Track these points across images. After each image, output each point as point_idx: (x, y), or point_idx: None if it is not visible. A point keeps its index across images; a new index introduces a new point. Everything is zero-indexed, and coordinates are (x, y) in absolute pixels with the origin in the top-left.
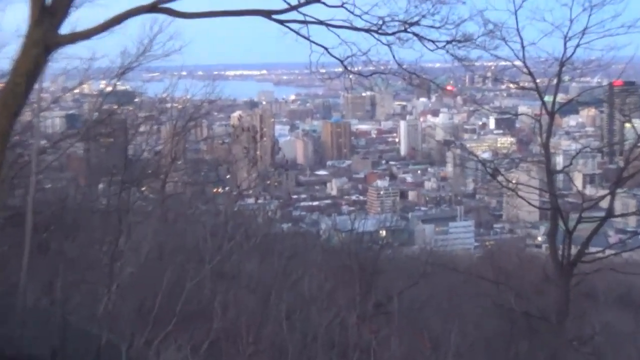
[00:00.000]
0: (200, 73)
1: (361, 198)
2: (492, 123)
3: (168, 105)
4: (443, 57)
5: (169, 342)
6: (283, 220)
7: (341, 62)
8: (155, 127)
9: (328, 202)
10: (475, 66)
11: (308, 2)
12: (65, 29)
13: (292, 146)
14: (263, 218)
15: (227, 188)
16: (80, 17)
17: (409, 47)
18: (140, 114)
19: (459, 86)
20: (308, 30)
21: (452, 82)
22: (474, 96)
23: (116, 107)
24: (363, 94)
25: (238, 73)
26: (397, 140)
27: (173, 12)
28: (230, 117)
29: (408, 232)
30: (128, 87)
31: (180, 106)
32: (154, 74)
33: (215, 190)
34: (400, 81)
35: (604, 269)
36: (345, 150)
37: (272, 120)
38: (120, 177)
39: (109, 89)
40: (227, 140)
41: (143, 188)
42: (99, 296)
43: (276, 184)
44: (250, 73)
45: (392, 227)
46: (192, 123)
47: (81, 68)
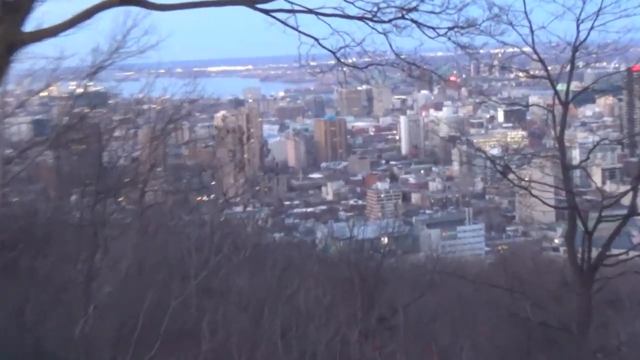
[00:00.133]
0: (179, 70)
1: (360, 202)
2: (501, 116)
3: (145, 106)
4: (445, 45)
5: None
6: (275, 229)
7: (333, 54)
8: (131, 131)
9: (323, 208)
10: (480, 54)
11: None
12: (29, 26)
13: (283, 147)
14: (253, 228)
15: (213, 196)
16: (46, 12)
17: (408, 35)
18: (114, 117)
19: (464, 76)
20: (296, 20)
21: (456, 73)
22: (480, 87)
23: (88, 111)
24: (358, 88)
25: (221, 69)
26: (398, 137)
27: (147, 4)
28: (213, 118)
29: (412, 239)
30: (101, 88)
31: (158, 107)
32: (129, 73)
33: (199, 198)
34: (398, 73)
35: (629, 272)
36: (340, 150)
37: (260, 119)
38: (94, 187)
39: (80, 91)
40: (211, 143)
41: (120, 198)
42: (75, 319)
43: (266, 190)
44: (234, 69)
45: (395, 234)
46: (172, 125)
47: (48, 68)
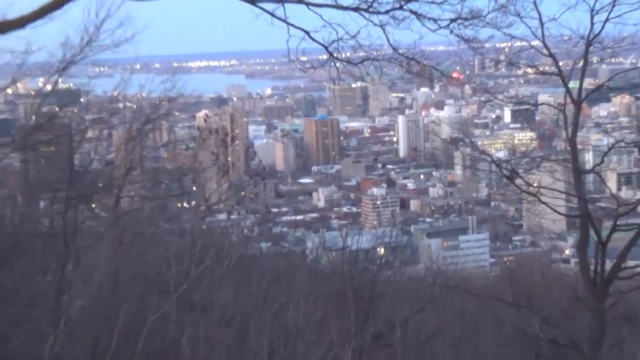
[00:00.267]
0: (157, 66)
1: (354, 209)
2: (508, 115)
3: (120, 105)
4: (447, 39)
5: None
6: (261, 238)
7: (325, 48)
8: (105, 132)
9: (314, 216)
10: (485, 48)
11: None
12: None
13: (270, 150)
14: (237, 237)
15: (194, 202)
16: (12, 2)
17: (406, 28)
18: (87, 117)
19: (467, 73)
20: (285, 10)
21: (459, 69)
22: (485, 84)
23: (58, 109)
24: (353, 86)
25: (203, 64)
26: (395, 139)
27: None
28: (195, 118)
29: (411, 249)
30: (71, 85)
31: (134, 106)
32: (102, 69)
33: (179, 205)
34: (396, 69)
35: None
36: (333, 153)
37: (245, 119)
38: (65, 193)
39: (49, 88)
40: (192, 145)
41: (93, 205)
42: (44, 335)
43: (252, 196)
44: (217, 64)
45: (392, 244)
46: (150, 126)
47: (14, 63)
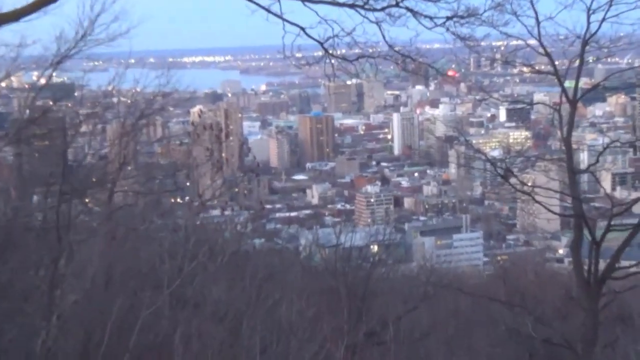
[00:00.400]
0: (152, 60)
1: (348, 207)
2: (503, 114)
3: (114, 99)
4: (443, 37)
5: None
6: (255, 235)
7: (321, 45)
8: (99, 127)
9: (308, 213)
10: (481, 47)
11: None
12: None
13: (264, 146)
14: (231, 233)
15: (187, 198)
16: None
17: (402, 25)
18: (81, 111)
19: (463, 71)
20: (281, 6)
21: (454, 67)
22: (481, 83)
23: (52, 103)
24: (348, 83)
25: (198, 60)
26: (390, 137)
27: None
28: (189, 113)
29: (404, 247)
30: (66, 79)
31: (129, 101)
32: (97, 63)
33: (173, 200)
34: (392, 66)
35: (639, 286)
36: (327, 149)
37: (240, 115)
38: (58, 187)
39: (43, 82)
40: (186, 140)
41: (86, 200)
42: (37, 330)
43: (246, 192)
44: (212, 59)
45: (386, 241)
46: (144, 121)
47: (8, 57)
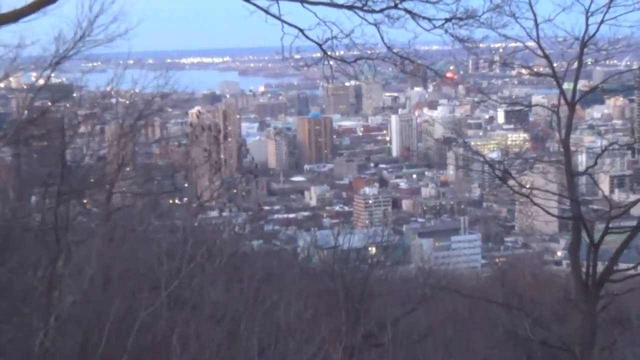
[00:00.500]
0: (151, 61)
1: (346, 208)
2: (501, 116)
3: (113, 100)
4: (441, 39)
5: None
6: (253, 236)
7: (319, 46)
8: (97, 127)
9: (306, 214)
10: (479, 49)
11: None
12: None
13: (263, 147)
14: (229, 234)
15: (186, 199)
16: None
17: (401, 27)
18: (79, 112)
19: (461, 73)
20: (279, 8)
21: (453, 69)
22: (479, 84)
23: (50, 104)
24: (346, 84)
25: (196, 61)
26: (388, 138)
27: None
28: (187, 114)
29: (403, 249)
30: (64, 80)
31: (127, 101)
32: (96, 64)
33: (171, 201)
34: (390, 68)
35: (637, 289)
36: (326, 151)
37: (238, 116)
38: (56, 188)
39: (41, 82)
40: (185, 141)
41: (85, 201)
42: (34, 331)
43: (244, 194)
44: (210, 60)
45: (384, 243)
46: (142, 122)
47: (7, 57)
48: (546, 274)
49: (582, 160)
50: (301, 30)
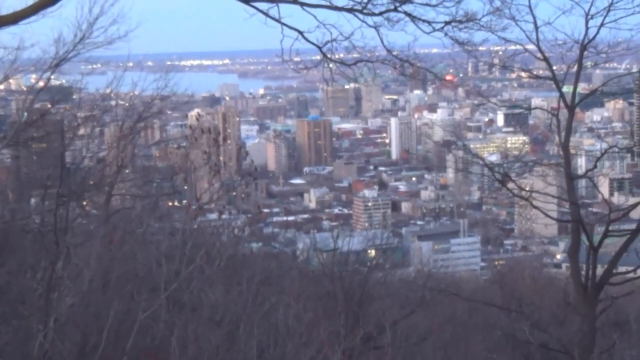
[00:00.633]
0: (150, 64)
1: (345, 211)
2: (501, 119)
3: (112, 102)
4: (441, 41)
5: None
6: (252, 239)
7: (319, 49)
8: (97, 130)
9: (306, 217)
10: (479, 51)
11: None
12: None
13: (262, 150)
14: (228, 237)
15: (185, 201)
16: None
17: (400, 30)
18: (79, 114)
19: (461, 76)
20: (279, 10)
21: (452, 71)
22: (479, 87)
23: (50, 106)
24: (346, 87)
25: (196, 63)
26: (388, 141)
27: None
28: (187, 116)
29: (402, 251)
30: (64, 82)
31: (127, 104)
32: (95, 66)
33: (170, 204)
34: (390, 71)
35: (637, 292)
36: (325, 154)
37: (238, 119)
38: (56, 190)
39: (41, 85)
40: (184, 143)
41: (84, 203)
42: (33, 333)
43: (243, 196)
44: (210, 63)
45: (383, 246)
46: (142, 124)
47: (7, 59)
48: (545, 277)
49: (582, 163)
50: (301, 32)
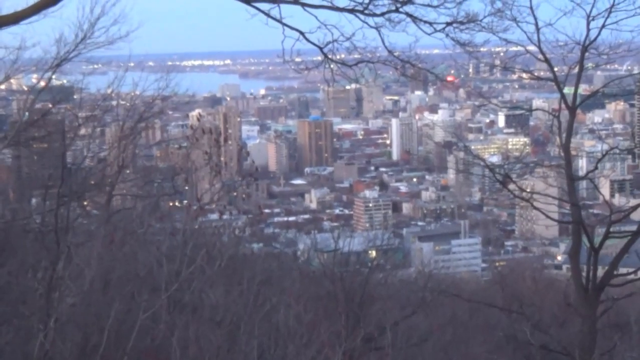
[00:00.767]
0: (151, 64)
1: (346, 212)
2: (502, 120)
3: (113, 102)
4: (442, 42)
5: None
6: (253, 239)
7: (320, 49)
8: (98, 130)
9: (306, 217)
10: (480, 52)
11: None
12: None
13: (263, 150)
14: (229, 237)
15: (186, 202)
16: None
17: (402, 31)
18: (80, 114)
19: (462, 77)
20: (280, 11)
21: (454, 72)
22: (480, 88)
23: (51, 106)
24: (347, 88)
25: (197, 63)
26: (388, 142)
27: None
28: (188, 117)
29: (403, 252)
30: (65, 82)
31: (128, 104)
32: (96, 66)
33: (171, 204)
34: (391, 71)
35: (638, 294)
36: (326, 154)
37: (239, 119)
38: (57, 190)
39: (42, 84)
40: (185, 144)
41: (85, 203)
42: (34, 333)
43: (244, 196)
44: (211, 63)
45: (384, 246)
46: (143, 124)
47: (8, 59)
48: (546, 278)
49: (583, 164)
50: (302, 33)
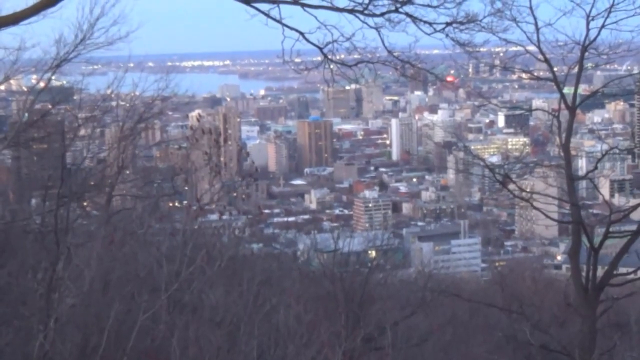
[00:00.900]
0: (151, 64)
1: (346, 212)
2: (502, 120)
3: (113, 103)
4: (442, 42)
5: None
6: (253, 239)
7: (320, 50)
8: (98, 130)
9: (306, 218)
10: (480, 53)
11: None
12: None
13: (263, 151)
14: (229, 237)
15: (186, 202)
16: None
17: (401, 31)
18: (79, 115)
19: (462, 77)
20: (280, 11)
21: (453, 72)
22: (480, 88)
23: (51, 107)
24: (346, 88)
25: (197, 64)
26: (388, 142)
27: None
28: (187, 117)
29: (402, 252)
30: (65, 83)
31: (127, 104)
32: (96, 66)
33: (171, 204)
34: (390, 72)
35: (637, 293)
36: (326, 155)
37: (238, 119)
38: (57, 191)
39: (42, 85)
40: (185, 144)
41: (85, 203)
42: (34, 333)
43: (244, 197)
44: (211, 64)
45: (384, 247)
46: (143, 125)
47: (7, 60)
48: (546, 278)
49: (583, 164)
50: (302, 33)
